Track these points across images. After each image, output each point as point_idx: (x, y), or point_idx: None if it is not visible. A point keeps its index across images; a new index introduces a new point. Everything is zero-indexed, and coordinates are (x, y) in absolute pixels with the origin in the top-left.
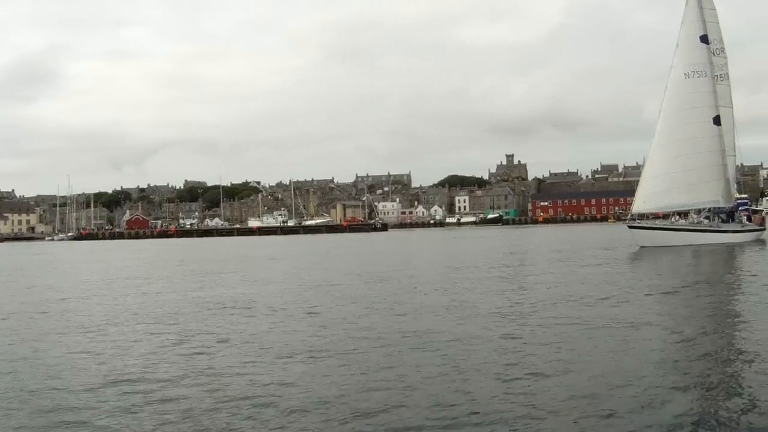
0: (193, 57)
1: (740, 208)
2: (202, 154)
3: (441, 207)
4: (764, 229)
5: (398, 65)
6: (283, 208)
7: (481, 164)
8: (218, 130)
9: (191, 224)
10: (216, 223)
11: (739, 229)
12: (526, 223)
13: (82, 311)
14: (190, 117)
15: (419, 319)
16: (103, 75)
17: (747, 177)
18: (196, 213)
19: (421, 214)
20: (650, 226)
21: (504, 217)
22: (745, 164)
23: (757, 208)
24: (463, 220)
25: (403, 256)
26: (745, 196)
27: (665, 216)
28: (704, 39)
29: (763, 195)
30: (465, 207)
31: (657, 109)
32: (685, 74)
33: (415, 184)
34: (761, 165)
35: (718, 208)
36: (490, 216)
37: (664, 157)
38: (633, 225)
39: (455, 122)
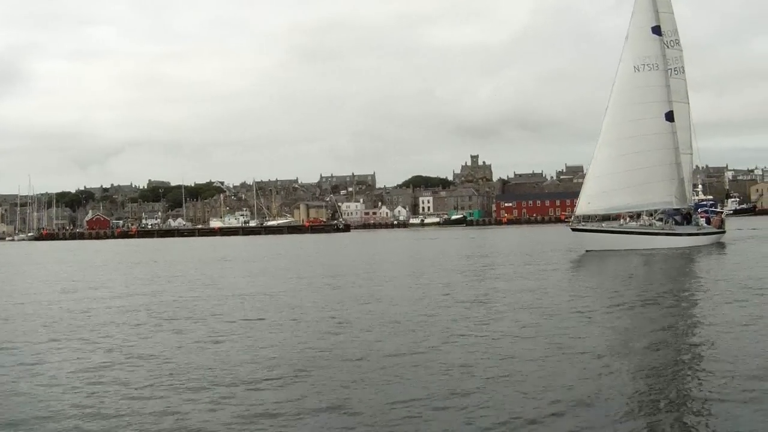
0: (159, 56)
1: (699, 210)
2: (167, 154)
3: (405, 208)
4: (724, 232)
5: (366, 66)
6: (245, 209)
7: (446, 165)
8: (184, 131)
9: (153, 224)
10: (179, 223)
11: (696, 232)
12: (490, 224)
13: None
14: (156, 117)
15: (344, 336)
16: (69, 74)
17: (712, 179)
18: (159, 213)
19: (384, 215)
20: (595, 228)
21: (468, 218)
22: (710, 166)
23: (718, 210)
24: (426, 221)
25: (358, 258)
26: (711, 197)
27: (616, 218)
28: (657, 30)
29: (728, 196)
30: (429, 208)
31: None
32: (635, 67)
33: (379, 184)
34: (726, 167)
35: (674, 209)
36: (454, 217)
37: (610, 155)
38: (577, 228)
39: (421, 123)
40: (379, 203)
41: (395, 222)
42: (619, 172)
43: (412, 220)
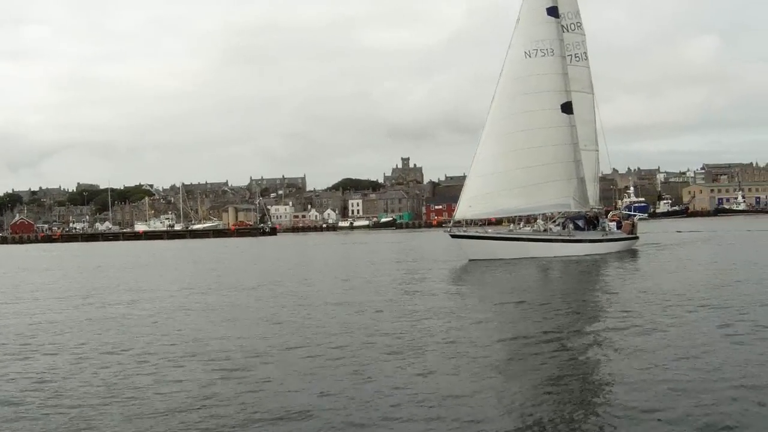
0: (93, 57)
1: (610, 214)
2: (99, 156)
3: (334, 211)
4: (636, 238)
5: (299, 68)
6: (170, 212)
7: (377, 168)
8: (116, 133)
9: (80, 228)
10: (106, 227)
11: (601, 238)
12: (420, 226)
13: None
14: (89, 119)
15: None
16: (1, 74)
17: (644, 181)
18: (87, 217)
19: (314, 218)
20: (478, 234)
21: (398, 221)
22: (642, 168)
23: (631, 213)
24: (356, 224)
25: (267, 264)
26: (642, 199)
27: (511, 222)
28: (553, 11)
29: (660, 198)
30: (358, 211)
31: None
32: (525, 53)
33: (311, 187)
34: (658, 169)
35: (578, 213)
36: (383, 220)
37: (496, 152)
38: (456, 234)
39: (354, 126)
40: (309, 206)
41: (324, 225)
42: (506, 171)
43: (341, 223)
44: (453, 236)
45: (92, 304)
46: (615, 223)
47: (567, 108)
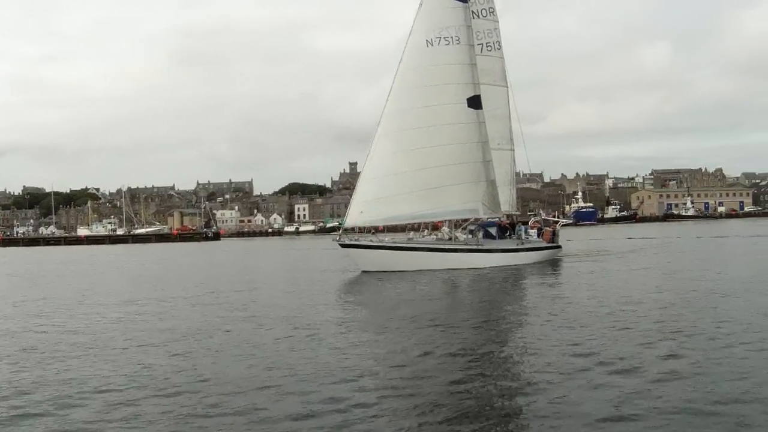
0: (39, 59)
1: (531, 220)
2: (46, 159)
3: (281, 215)
4: (559, 247)
5: (247, 71)
6: (113, 216)
7: (325, 172)
8: (63, 135)
9: (23, 233)
10: (51, 231)
11: (515, 247)
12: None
13: None
14: (34, 121)
15: None
16: None
17: (593, 186)
18: (32, 221)
19: (260, 223)
20: (370, 244)
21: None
22: (591, 173)
23: (553, 220)
24: (302, 228)
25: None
26: (591, 204)
27: (412, 229)
28: None
29: (608, 204)
30: (305, 215)
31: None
32: (427, 41)
33: (258, 192)
34: (607, 174)
35: (491, 220)
36: (329, 225)
37: (392, 151)
38: (346, 243)
39: (302, 130)
40: (255, 211)
41: (270, 230)
42: (403, 173)
43: (287, 228)
44: (343, 245)
45: None
46: (536, 231)
47: (475, 102)
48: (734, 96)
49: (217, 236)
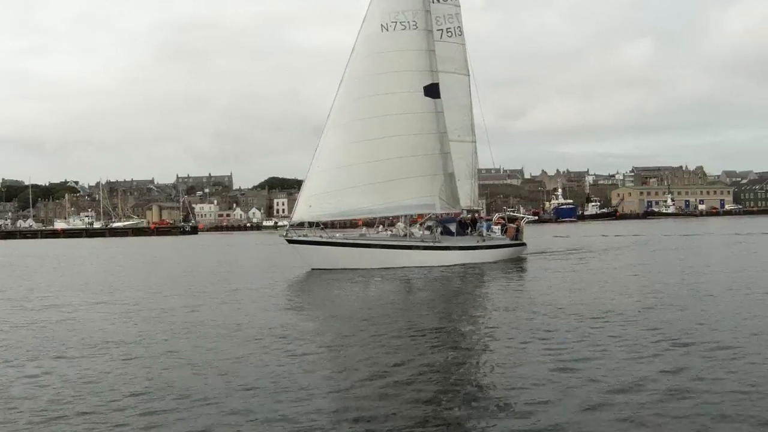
0: (20, 51)
1: (496, 216)
2: (26, 152)
3: (260, 210)
4: (523, 244)
5: (229, 66)
6: (90, 210)
7: (305, 167)
8: (44, 128)
9: (1, 225)
10: (29, 224)
11: (475, 245)
12: (346, 226)
13: None
14: (15, 114)
15: None
16: None
17: (573, 183)
18: (10, 213)
19: (238, 217)
20: (320, 240)
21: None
22: (571, 170)
23: (518, 216)
24: (280, 223)
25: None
26: (570, 201)
27: (366, 224)
28: None
29: (588, 200)
30: (284, 210)
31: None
32: (382, 26)
33: (237, 186)
34: (587, 171)
35: (450, 216)
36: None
37: (343, 142)
38: (293, 239)
39: (283, 125)
40: (234, 205)
41: (248, 224)
42: (354, 165)
43: (266, 223)
44: (290, 241)
45: None
46: (499, 227)
47: (432, 91)
48: (715, 94)
49: (194, 230)
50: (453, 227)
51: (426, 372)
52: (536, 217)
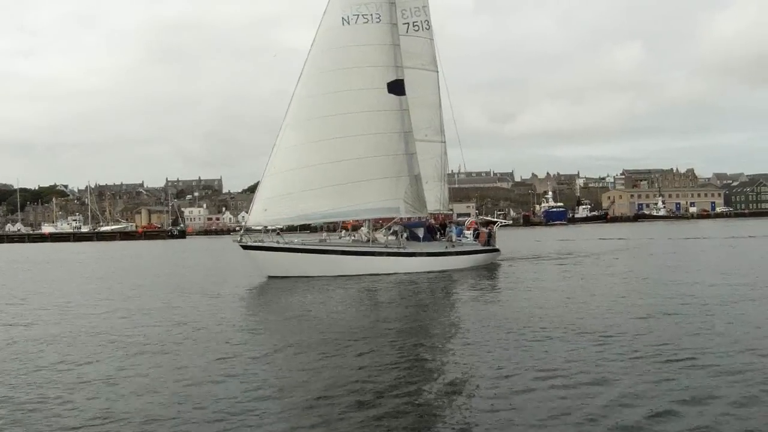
0: (10, 52)
1: (468, 221)
2: (16, 155)
3: (249, 213)
4: (496, 251)
5: (220, 67)
6: (78, 214)
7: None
8: (34, 130)
9: None
10: (17, 228)
11: (443, 251)
12: (335, 229)
13: None
14: (5, 116)
15: None
16: None
17: (563, 186)
18: None
19: (228, 221)
20: (276, 246)
21: (313, 225)
22: (562, 173)
23: (491, 220)
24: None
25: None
26: (561, 204)
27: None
28: None
29: (579, 203)
30: None
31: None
32: (343, 19)
33: (227, 189)
34: (578, 174)
35: (418, 220)
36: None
37: (300, 142)
38: (248, 245)
39: (273, 126)
40: (224, 208)
41: (237, 228)
42: (312, 166)
43: (255, 227)
44: (244, 247)
45: None
46: (472, 232)
47: (397, 87)
48: (706, 97)
49: (183, 234)
50: (420, 232)
51: (383, 393)
52: (510, 222)
